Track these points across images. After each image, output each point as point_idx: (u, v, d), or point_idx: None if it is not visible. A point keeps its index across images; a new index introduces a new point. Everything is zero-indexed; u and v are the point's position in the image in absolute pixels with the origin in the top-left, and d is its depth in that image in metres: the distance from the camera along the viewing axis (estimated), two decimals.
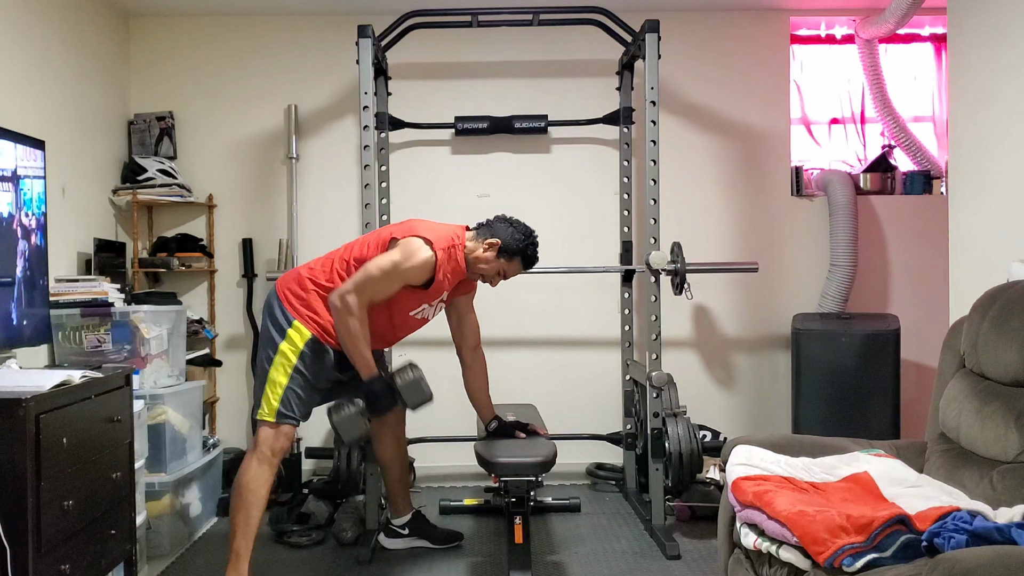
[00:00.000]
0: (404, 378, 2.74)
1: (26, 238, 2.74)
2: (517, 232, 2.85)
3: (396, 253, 2.69)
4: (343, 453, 3.38)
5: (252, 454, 2.73)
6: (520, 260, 2.87)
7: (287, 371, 2.72)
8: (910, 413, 4.02)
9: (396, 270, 2.68)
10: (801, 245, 4.37)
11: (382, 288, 2.70)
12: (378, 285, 2.68)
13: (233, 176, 4.30)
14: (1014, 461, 2.09)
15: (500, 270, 2.87)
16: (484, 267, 2.85)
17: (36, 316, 2.86)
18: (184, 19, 4.28)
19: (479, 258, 2.83)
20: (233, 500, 2.71)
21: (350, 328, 2.66)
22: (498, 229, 2.85)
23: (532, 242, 2.88)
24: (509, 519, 2.93)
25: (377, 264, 2.68)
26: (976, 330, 2.32)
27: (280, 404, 2.72)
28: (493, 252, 2.82)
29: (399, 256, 2.68)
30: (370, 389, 2.73)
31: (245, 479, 2.70)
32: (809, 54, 4.61)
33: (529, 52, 4.32)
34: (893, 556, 1.69)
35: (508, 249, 2.83)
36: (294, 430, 2.78)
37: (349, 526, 3.35)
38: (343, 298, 2.66)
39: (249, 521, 2.67)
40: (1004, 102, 2.83)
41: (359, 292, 2.66)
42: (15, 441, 2.05)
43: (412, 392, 2.74)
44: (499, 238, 2.83)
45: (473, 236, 2.86)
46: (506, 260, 2.85)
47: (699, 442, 3.38)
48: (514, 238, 2.84)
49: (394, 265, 2.68)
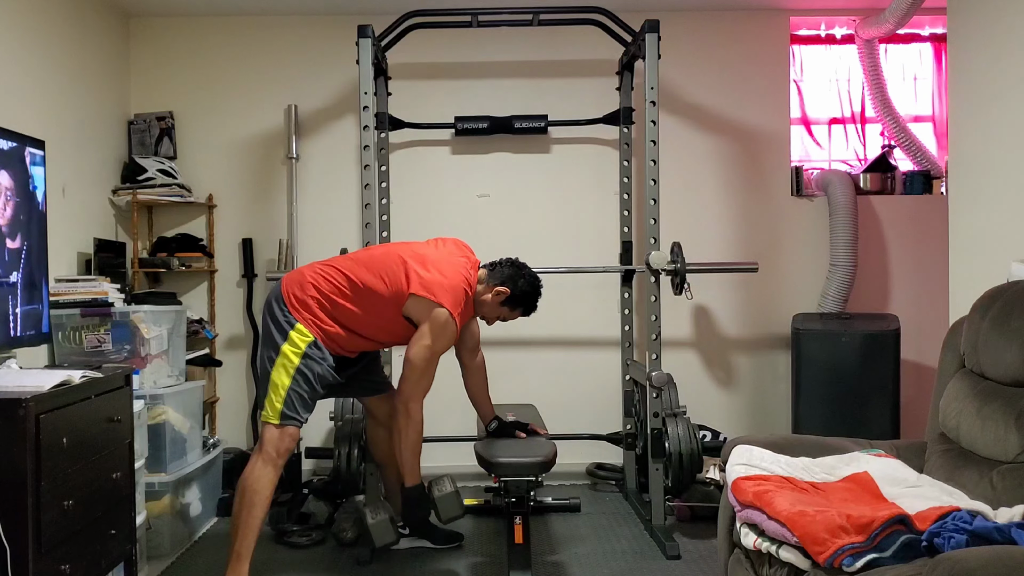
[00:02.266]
0: (442, 490, 2.84)
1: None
2: (526, 284, 2.93)
3: (428, 336, 2.74)
4: (343, 453, 3.38)
5: (257, 455, 2.74)
6: (522, 310, 2.98)
7: (289, 372, 2.73)
8: (910, 413, 4.02)
9: (434, 351, 2.77)
10: (801, 245, 4.37)
11: (431, 371, 2.79)
12: (428, 372, 2.78)
13: (233, 176, 4.30)
14: (1014, 461, 2.09)
15: (501, 315, 2.97)
16: (487, 311, 2.95)
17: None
18: (184, 19, 4.29)
19: (484, 302, 2.92)
20: (236, 500, 2.72)
21: (411, 438, 2.80)
22: (507, 277, 2.91)
23: (537, 295, 2.97)
24: (509, 519, 2.93)
25: (420, 356, 2.74)
26: (976, 330, 2.32)
27: (283, 406, 2.72)
28: (500, 299, 2.91)
29: (430, 340, 2.75)
30: (409, 496, 2.85)
31: (250, 480, 2.70)
32: (809, 54, 4.61)
33: (529, 52, 4.32)
34: (893, 556, 1.69)
35: (514, 301, 2.93)
36: (298, 431, 2.79)
37: (349, 526, 3.35)
38: (408, 406, 2.78)
39: (251, 522, 2.68)
40: (1004, 102, 2.83)
41: (417, 393, 2.78)
42: (15, 441, 2.05)
43: (448, 505, 2.83)
44: (508, 288, 2.89)
45: (484, 277, 2.93)
46: (509, 308, 2.95)
47: (699, 442, 3.38)
48: (522, 290, 2.92)
49: (431, 350, 2.76)
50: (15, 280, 2.70)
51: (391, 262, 2.81)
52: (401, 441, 2.81)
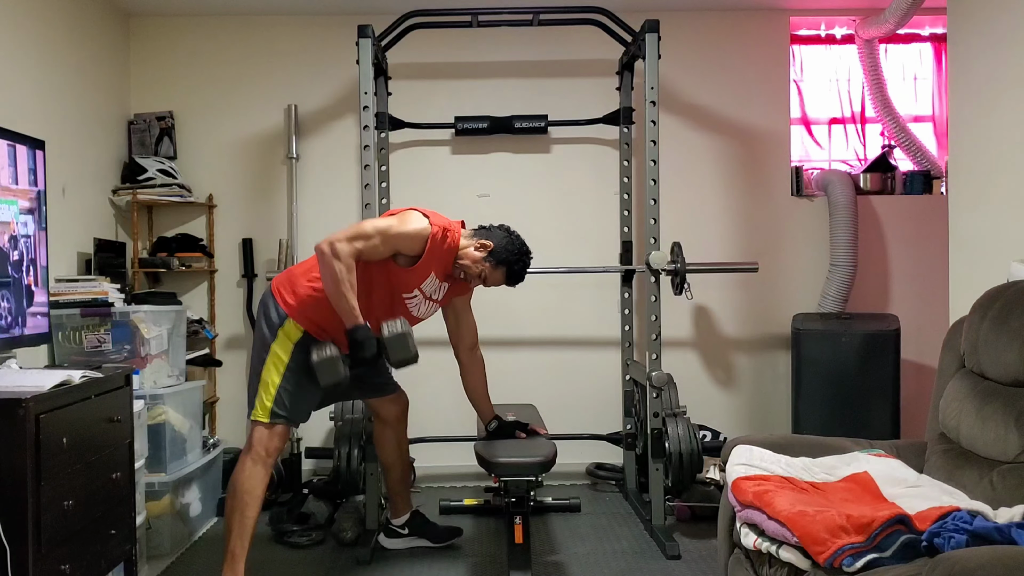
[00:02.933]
0: (391, 330, 2.61)
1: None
2: (512, 244, 2.82)
3: (393, 219, 2.70)
4: (343, 453, 3.38)
5: (247, 455, 2.72)
6: (505, 271, 2.82)
7: (279, 370, 2.71)
8: (910, 413, 4.02)
9: (389, 231, 2.64)
10: (801, 245, 4.37)
11: (372, 246, 2.62)
12: (369, 241, 2.62)
13: (233, 176, 4.30)
14: (1014, 461, 2.09)
15: (483, 273, 2.81)
16: (468, 264, 2.79)
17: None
18: (184, 19, 4.29)
19: (467, 254, 2.78)
20: (228, 501, 2.71)
21: (335, 271, 2.56)
22: (494, 234, 2.82)
23: (523, 260, 2.83)
24: (509, 519, 2.93)
25: (372, 222, 2.67)
26: (976, 330, 2.32)
27: (273, 404, 2.70)
28: (483, 253, 2.78)
29: (395, 220, 2.69)
30: (353, 337, 2.61)
31: (240, 480, 2.69)
32: (809, 54, 4.61)
33: (529, 52, 4.32)
34: (893, 556, 1.69)
35: (497, 255, 2.79)
36: (288, 430, 2.77)
37: (349, 526, 3.35)
38: (331, 244, 2.57)
39: (245, 522, 2.67)
40: (1004, 102, 2.83)
41: (349, 240, 2.58)
42: (15, 441, 2.05)
43: (397, 346, 2.61)
44: (492, 241, 2.80)
45: (469, 234, 2.84)
46: (492, 266, 2.80)
47: (699, 442, 3.38)
48: (507, 248, 2.80)
49: (388, 226, 2.65)
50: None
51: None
52: (325, 279, 2.59)
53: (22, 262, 2.58)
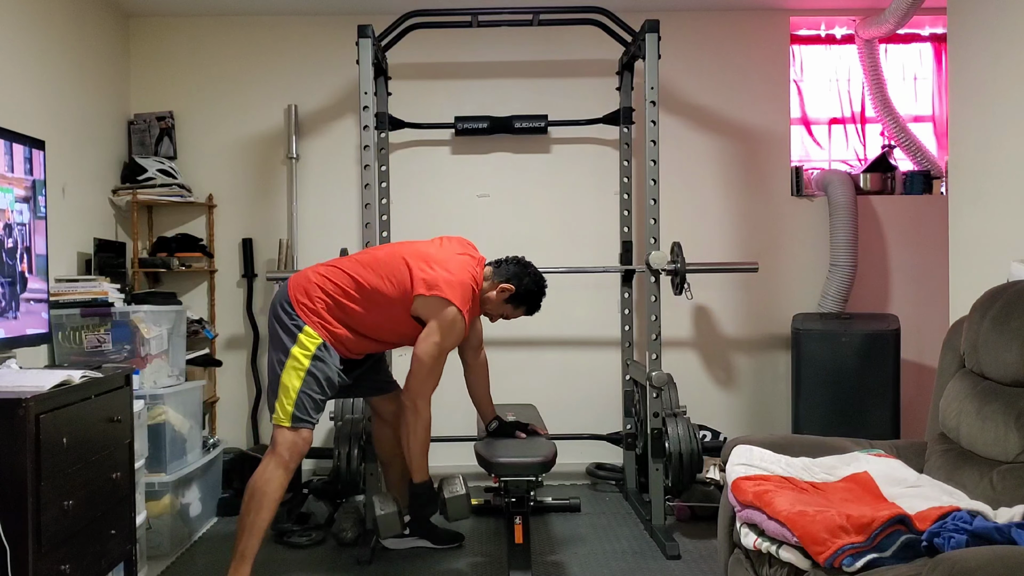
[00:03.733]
0: (452, 491, 2.85)
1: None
2: (532, 283, 2.93)
3: (436, 334, 2.74)
4: (343, 453, 3.38)
5: (270, 457, 2.72)
6: (525, 309, 2.98)
7: (300, 375, 2.72)
8: (910, 413, 4.02)
9: (444, 348, 2.77)
10: (801, 245, 4.37)
11: (439, 369, 2.78)
12: (436, 370, 2.77)
13: (233, 176, 4.30)
14: (1014, 461, 2.09)
15: (505, 313, 2.97)
16: (491, 310, 2.96)
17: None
18: (184, 19, 4.29)
19: (489, 299, 2.92)
20: (245, 500, 2.70)
21: (419, 435, 2.79)
22: (513, 274, 2.91)
23: (542, 294, 2.97)
24: (509, 519, 2.93)
25: (428, 353, 2.73)
26: (976, 330, 2.32)
27: (295, 408, 2.71)
28: (504, 296, 2.91)
29: (440, 337, 2.74)
30: (417, 492, 2.86)
31: (260, 481, 2.69)
32: (809, 54, 4.61)
33: (529, 52, 4.32)
34: (893, 556, 1.69)
35: (518, 298, 2.92)
36: (311, 433, 2.78)
37: (349, 526, 3.35)
38: (416, 403, 2.76)
39: (258, 523, 2.67)
40: (1004, 102, 2.83)
41: (425, 390, 2.77)
42: (15, 441, 2.05)
43: (457, 506, 2.84)
44: (513, 285, 2.90)
45: (489, 274, 2.92)
46: (513, 306, 2.95)
47: (699, 442, 3.38)
48: (527, 288, 2.92)
49: (440, 348, 2.76)
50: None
51: (395, 263, 2.80)
52: (409, 438, 2.80)
53: (16, 249, 2.59)
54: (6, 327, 2.51)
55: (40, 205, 2.74)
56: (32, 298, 2.68)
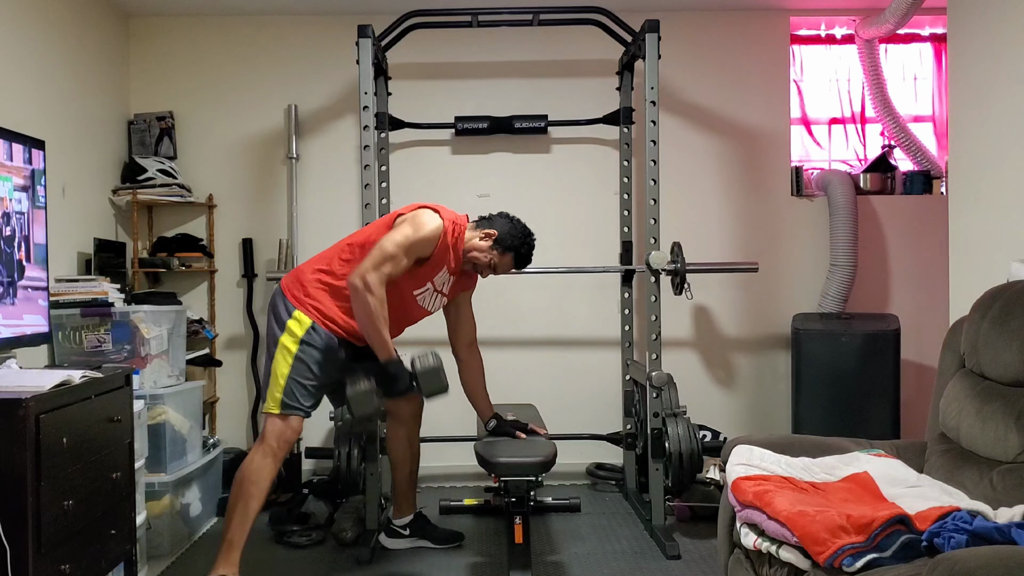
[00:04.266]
0: (424, 364, 2.71)
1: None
2: (515, 229, 2.89)
3: (408, 227, 2.70)
4: (343, 453, 3.38)
5: (259, 446, 2.72)
6: (512, 256, 2.89)
7: (288, 361, 2.72)
8: (910, 413, 4.02)
9: (409, 241, 2.68)
10: (801, 245, 4.37)
11: (398, 263, 2.67)
12: (395, 260, 2.66)
13: (233, 176, 4.30)
14: (1014, 461, 2.09)
15: (492, 261, 2.87)
16: (477, 255, 2.85)
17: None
18: (184, 19, 4.28)
19: (474, 245, 2.84)
20: (233, 490, 2.71)
21: (370, 308, 2.61)
22: (498, 223, 2.90)
23: (528, 242, 2.91)
24: (509, 519, 2.92)
25: (392, 240, 2.66)
26: (976, 330, 2.32)
27: (284, 395, 2.71)
28: (488, 242, 2.85)
29: (411, 228, 2.70)
30: (387, 371, 2.70)
31: (248, 470, 2.69)
32: (809, 54, 4.61)
33: (529, 52, 4.32)
34: (893, 556, 1.69)
35: (503, 242, 2.86)
36: (301, 422, 2.76)
37: (349, 526, 3.35)
38: (363, 278, 2.61)
39: (247, 513, 2.67)
40: (1004, 102, 2.83)
41: (377, 269, 2.62)
42: (15, 441, 2.05)
43: (430, 379, 2.71)
44: (497, 230, 2.87)
45: (473, 225, 2.90)
46: (499, 253, 2.87)
47: (699, 442, 3.38)
48: (511, 234, 2.87)
49: (407, 238, 2.68)
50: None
51: (381, 219, 2.86)
52: (361, 314, 2.64)
53: (14, 238, 2.59)
54: (3, 312, 2.51)
55: (39, 195, 2.74)
56: (30, 286, 2.68)
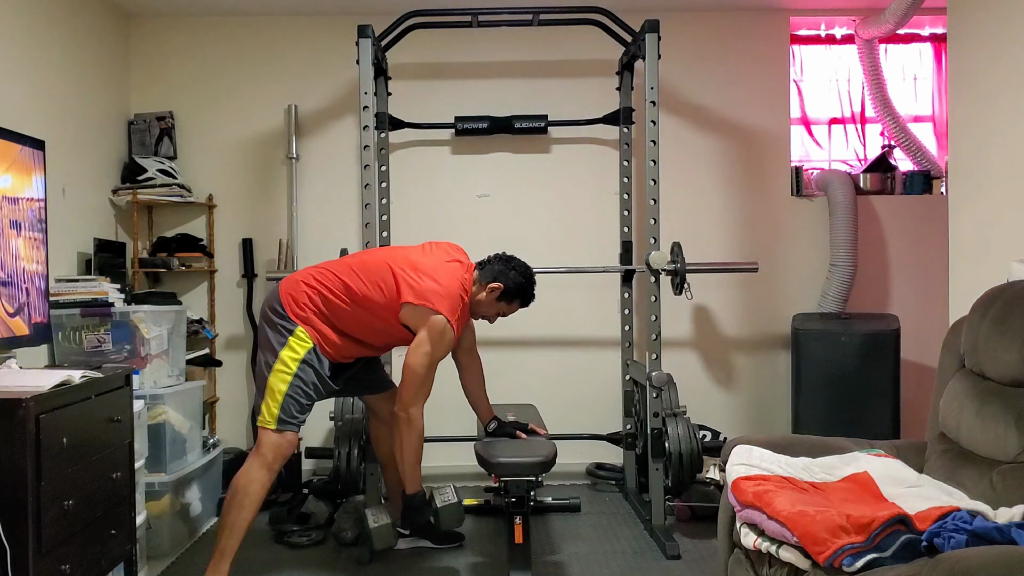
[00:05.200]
0: (444, 499, 2.85)
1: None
2: (518, 276, 2.91)
3: (427, 343, 2.73)
4: (343, 453, 3.38)
5: (255, 457, 2.74)
6: (519, 302, 2.96)
7: (286, 379, 2.74)
8: (910, 413, 4.02)
9: (434, 357, 2.76)
10: (801, 245, 4.37)
11: (431, 379, 2.79)
12: (428, 379, 2.77)
13: (233, 176, 4.30)
14: (1014, 461, 2.09)
15: (500, 311, 2.96)
16: (486, 311, 2.94)
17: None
18: (184, 19, 4.29)
19: (481, 302, 2.91)
20: (228, 499, 2.73)
21: (412, 444, 2.79)
22: (499, 272, 2.90)
23: (531, 284, 2.96)
24: (509, 519, 2.93)
25: (419, 364, 2.73)
26: (976, 330, 2.32)
27: (281, 411, 2.73)
28: (495, 296, 2.89)
29: (430, 347, 2.73)
30: (410, 503, 2.86)
31: (244, 481, 2.71)
32: (809, 54, 4.61)
33: (529, 52, 4.32)
34: (893, 556, 1.69)
35: (509, 294, 2.91)
36: (296, 436, 2.80)
37: (349, 526, 3.35)
38: (408, 412, 2.76)
39: (239, 523, 2.69)
40: (1004, 102, 2.83)
41: (416, 401, 2.77)
42: (15, 441, 2.05)
43: (450, 515, 2.84)
44: (500, 282, 2.88)
45: (477, 278, 2.91)
46: (506, 303, 2.93)
47: (699, 442, 3.38)
48: (515, 282, 2.90)
49: (431, 357, 2.75)
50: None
51: (383, 270, 2.80)
52: (403, 448, 2.80)
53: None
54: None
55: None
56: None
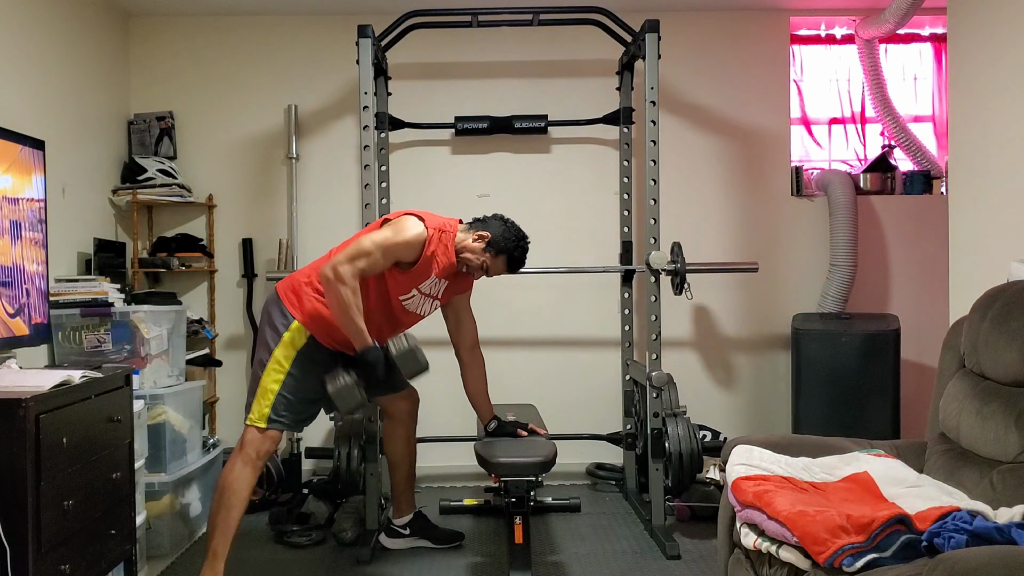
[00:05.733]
0: (398, 346, 2.69)
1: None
2: (509, 231, 2.85)
3: (389, 230, 2.70)
4: (343, 453, 3.38)
5: (237, 455, 2.73)
6: (505, 259, 2.85)
7: (279, 379, 2.73)
8: (910, 413, 4.02)
9: (387, 243, 2.67)
10: (801, 245, 4.37)
11: (374, 261, 2.65)
12: (370, 258, 2.64)
13: (233, 176, 4.30)
14: (1014, 461, 2.09)
15: (484, 264, 2.84)
16: (470, 256, 2.81)
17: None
18: (184, 19, 4.29)
19: (467, 247, 2.81)
20: (215, 500, 2.72)
21: (342, 297, 2.60)
22: (491, 225, 2.85)
23: (521, 245, 2.86)
24: (509, 519, 2.93)
25: (370, 237, 2.67)
26: (976, 330, 2.32)
27: (271, 411, 2.73)
28: (481, 244, 2.81)
29: (391, 231, 2.69)
30: (364, 359, 2.66)
31: (229, 480, 2.70)
32: (809, 54, 4.61)
33: (529, 52, 4.32)
34: (893, 556, 1.69)
35: (496, 244, 2.82)
36: (280, 435, 2.79)
37: (349, 526, 3.35)
38: (335, 269, 2.60)
39: (229, 522, 2.68)
40: (1004, 102, 2.83)
41: (350, 262, 2.61)
42: (15, 441, 2.05)
43: (407, 361, 2.68)
44: (490, 232, 2.82)
45: (465, 228, 2.87)
46: (492, 255, 2.83)
47: (699, 442, 3.38)
48: (504, 236, 2.83)
49: (385, 239, 2.67)
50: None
51: (363, 230, 2.83)
52: (335, 305, 2.62)
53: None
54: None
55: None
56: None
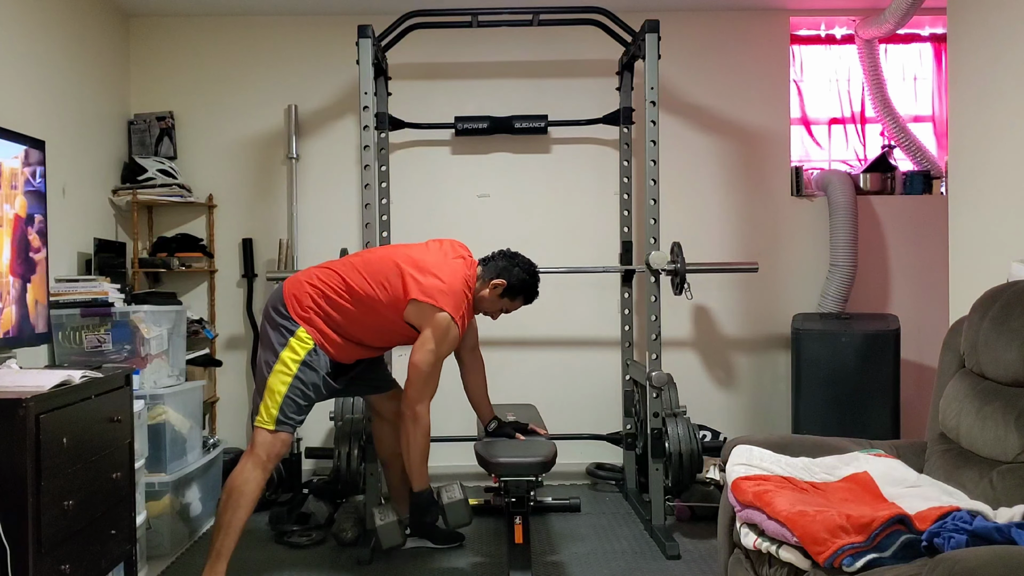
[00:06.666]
0: (451, 496, 2.86)
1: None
2: (522, 272, 2.92)
3: (431, 341, 2.74)
4: (343, 453, 3.38)
5: (248, 457, 2.74)
6: (523, 299, 2.97)
7: (286, 381, 2.74)
8: (910, 413, 4.02)
9: (441, 355, 2.77)
10: (801, 245, 4.37)
11: (436, 373, 2.78)
12: (434, 375, 2.77)
13: (233, 176, 4.30)
14: (1014, 461, 2.09)
15: (503, 308, 2.97)
16: (488, 307, 2.96)
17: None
18: (184, 19, 4.29)
19: (484, 298, 2.92)
20: (223, 499, 2.73)
21: (419, 442, 2.79)
22: (502, 268, 2.91)
23: (535, 281, 2.96)
24: (509, 519, 2.93)
25: (424, 361, 2.73)
26: (976, 330, 2.32)
27: (279, 412, 2.74)
28: (498, 292, 2.90)
29: (435, 344, 2.74)
30: (417, 502, 2.85)
31: (238, 481, 2.71)
32: (809, 54, 4.61)
33: (529, 52, 4.32)
34: (893, 556, 1.69)
35: (513, 290, 2.92)
36: (291, 437, 2.80)
37: (349, 526, 3.35)
38: (415, 410, 2.76)
39: (235, 523, 2.69)
40: (1004, 102, 2.83)
41: (424, 397, 2.77)
42: (15, 441, 2.05)
43: (456, 512, 2.85)
44: (504, 279, 2.89)
45: (480, 274, 2.92)
46: (509, 299, 2.94)
47: (699, 442, 3.38)
48: (519, 279, 2.91)
49: (436, 355, 2.76)
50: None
51: (388, 268, 2.80)
52: (410, 446, 2.80)
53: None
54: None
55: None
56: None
